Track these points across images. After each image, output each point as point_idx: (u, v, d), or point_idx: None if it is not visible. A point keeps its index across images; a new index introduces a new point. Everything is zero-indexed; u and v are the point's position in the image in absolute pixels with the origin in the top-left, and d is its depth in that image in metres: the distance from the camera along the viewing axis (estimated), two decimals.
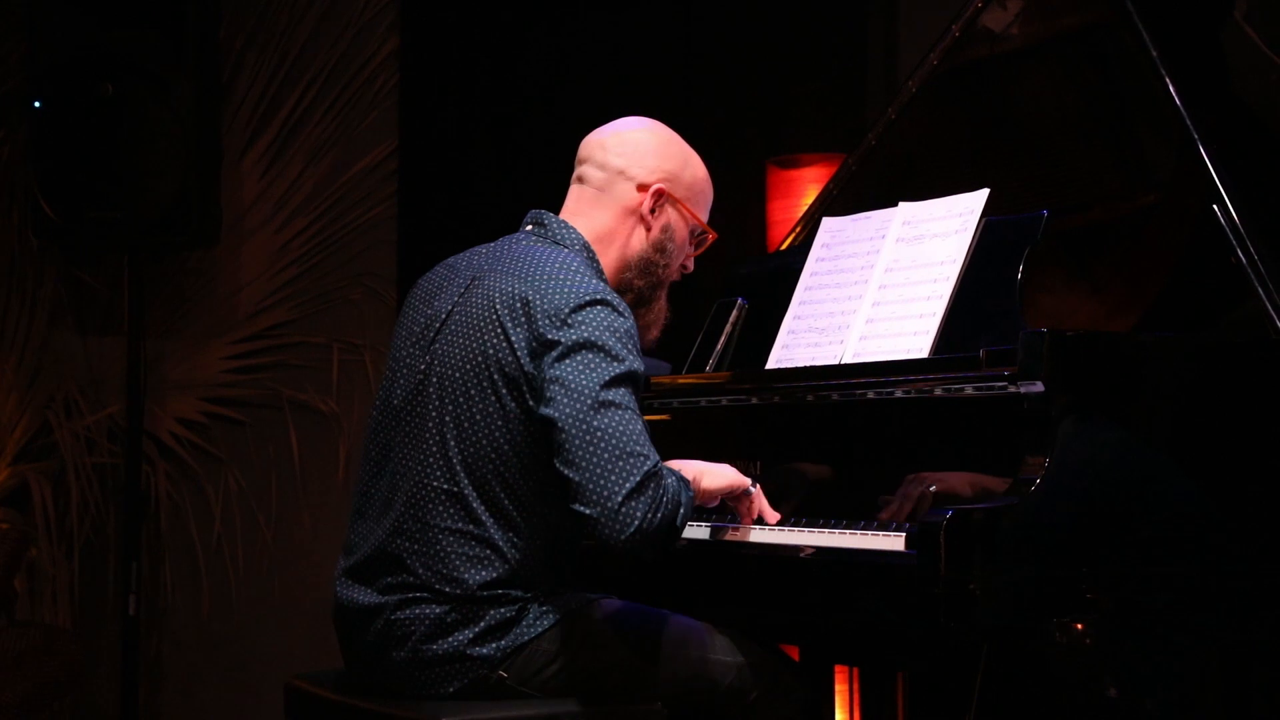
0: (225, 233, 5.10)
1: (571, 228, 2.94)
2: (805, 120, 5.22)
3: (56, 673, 4.61)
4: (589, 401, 2.70)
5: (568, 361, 2.73)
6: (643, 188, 2.96)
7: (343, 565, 2.92)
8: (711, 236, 3.08)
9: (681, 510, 2.75)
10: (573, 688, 2.82)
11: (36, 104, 4.80)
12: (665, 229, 2.99)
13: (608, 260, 2.96)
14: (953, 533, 2.50)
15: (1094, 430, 2.63)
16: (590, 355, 2.73)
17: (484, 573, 2.77)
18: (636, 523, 2.67)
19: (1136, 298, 3.14)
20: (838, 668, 3.67)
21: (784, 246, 3.79)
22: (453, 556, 2.78)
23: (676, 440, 3.32)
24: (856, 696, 3.68)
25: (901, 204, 3.18)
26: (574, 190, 3.01)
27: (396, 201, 5.31)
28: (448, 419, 2.80)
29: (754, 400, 3.16)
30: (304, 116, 5.34)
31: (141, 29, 4.78)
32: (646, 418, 3.37)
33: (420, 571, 2.79)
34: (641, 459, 2.69)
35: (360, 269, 5.31)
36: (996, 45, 3.55)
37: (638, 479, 2.68)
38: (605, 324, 2.75)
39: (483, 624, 2.78)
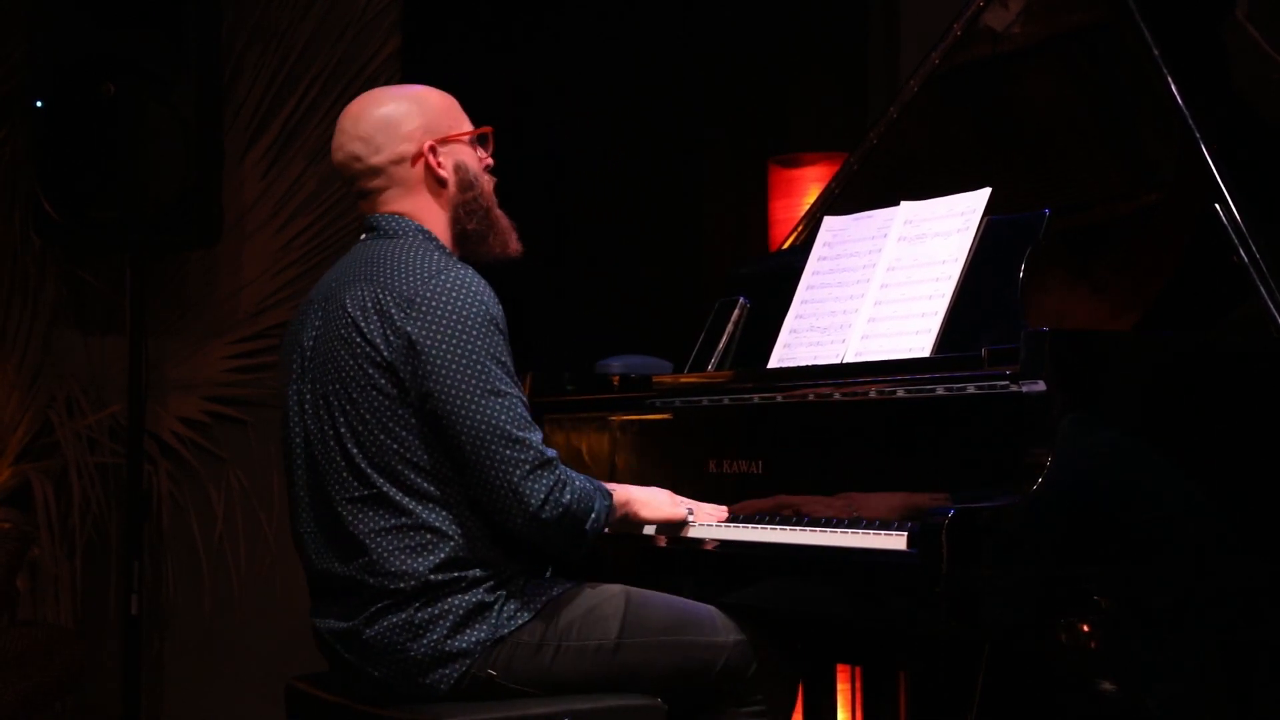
0: (227, 232, 5.10)
1: (401, 217, 2.94)
2: (807, 119, 5.23)
3: (58, 672, 4.61)
4: (471, 391, 2.75)
5: (435, 352, 2.75)
6: (416, 157, 2.96)
7: (313, 603, 2.94)
8: (489, 131, 3.06)
9: (593, 514, 2.81)
10: (565, 680, 2.82)
11: (38, 104, 4.80)
12: (458, 168, 2.98)
13: (438, 228, 2.96)
14: (955, 532, 2.50)
15: (1096, 429, 2.63)
16: (455, 339, 2.76)
17: (430, 557, 2.78)
18: (535, 503, 2.74)
19: (1138, 297, 3.14)
20: (840, 667, 3.67)
21: (785, 246, 3.79)
22: (394, 554, 2.78)
23: (679, 440, 3.32)
24: (859, 696, 3.68)
25: (903, 203, 3.18)
26: (369, 204, 2.99)
27: None
28: (343, 429, 2.82)
29: (756, 400, 3.16)
30: (305, 116, 5.34)
31: (143, 29, 4.77)
32: (648, 417, 3.38)
33: (371, 581, 2.79)
34: (527, 445, 2.75)
35: None
36: (998, 44, 3.55)
37: (530, 461, 2.75)
38: (458, 298, 2.77)
39: (452, 617, 2.78)
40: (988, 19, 3.54)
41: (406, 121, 2.96)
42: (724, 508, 3.09)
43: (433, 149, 2.95)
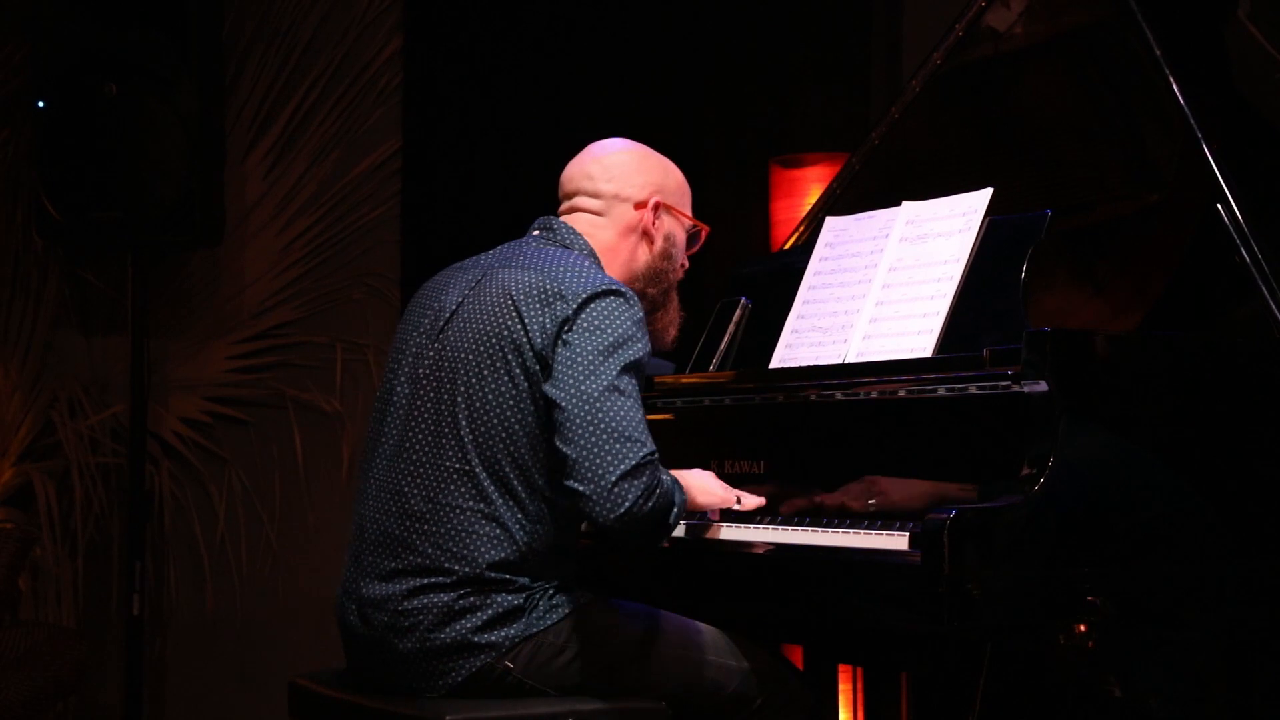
0: (229, 232, 5.10)
1: (578, 234, 3.03)
2: (809, 119, 5.22)
3: (60, 672, 4.61)
4: (595, 384, 2.77)
5: (578, 346, 2.79)
6: (640, 205, 3.07)
7: (348, 556, 2.95)
8: (704, 231, 3.19)
9: (675, 509, 2.82)
10: (578, 683, 2.84)
11: (40, 104, 4.80)
12: (668, 237, 3.11)
13: (615, 270, 3.04)
14: (956, 532, 2.50)
15: (1097, 429, 2.63)
16: (601, 340, 2.80)
17: (493, 552, 2.80)
18: (628, 504, 2.73)
19: (1140, 297, 3.14)
20: (841, 667, 3.67)
21: (787, 246, 3.79)
22: (464, 534, 2.80)
23: (680, 440, 3.32)
24: (860, 696, 3.68)
25: (905, 203, 3.18)
26: (569, 220, 3.07)
27: (400, 201, 5.31)
28: (459, 399, 2.84)
29: (757, 400, 3.16)
30: (307, 116, 5.34)
31: (145, 29, 4.78)
32: (650, 417, 3.37)
33: (430, 551, 2.81)
34: (640, 445, 2.76)
35: (363, 268, 5.32)
36: (1000, 44, 3.55)
37: (634, 461, 2.74)
38: (618, 312, 2.83)
39: (489, 611, 2.79)
40: (990, 19, 3.54)
41: (648, 173, 3.09)
42: (762, 499, 3.08)
43: (657, 207, 3.07)
